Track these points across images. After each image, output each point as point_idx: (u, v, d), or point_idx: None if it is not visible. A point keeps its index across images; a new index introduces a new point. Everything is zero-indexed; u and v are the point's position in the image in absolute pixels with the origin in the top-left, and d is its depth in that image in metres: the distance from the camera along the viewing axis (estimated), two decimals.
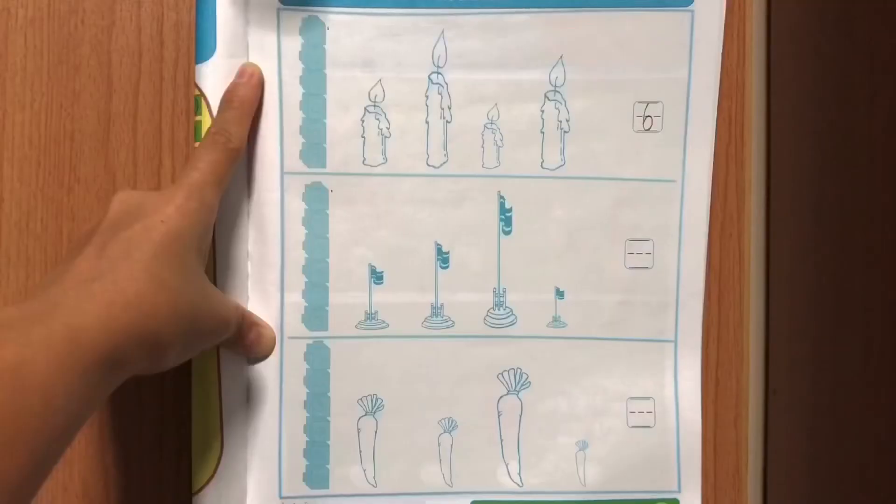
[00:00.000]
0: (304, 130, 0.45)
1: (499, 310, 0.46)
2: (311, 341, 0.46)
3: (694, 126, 0.46)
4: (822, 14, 0.47)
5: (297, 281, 0.45)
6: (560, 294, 0.46)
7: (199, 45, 0.44)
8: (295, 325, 0.46)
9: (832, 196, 0.47)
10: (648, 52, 0.46)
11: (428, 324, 0.46)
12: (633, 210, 0.46)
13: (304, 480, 0.46)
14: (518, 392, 0.47)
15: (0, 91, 0.46)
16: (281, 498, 0.45)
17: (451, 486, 0.47)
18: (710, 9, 0.45)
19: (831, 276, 0.39)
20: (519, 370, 0.47)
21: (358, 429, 0.46)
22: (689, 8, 0.45)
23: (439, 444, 0.47)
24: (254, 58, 0.45)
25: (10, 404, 0.28)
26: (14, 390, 0.28)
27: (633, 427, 0.47)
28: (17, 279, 0.47)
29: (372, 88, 0.45)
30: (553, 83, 0.46)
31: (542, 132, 0.46)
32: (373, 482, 0.46)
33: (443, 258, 0.46)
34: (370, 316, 0.46)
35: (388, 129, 0.45)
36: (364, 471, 0.46)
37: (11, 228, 0.46)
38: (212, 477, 0.45)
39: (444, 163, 0.46)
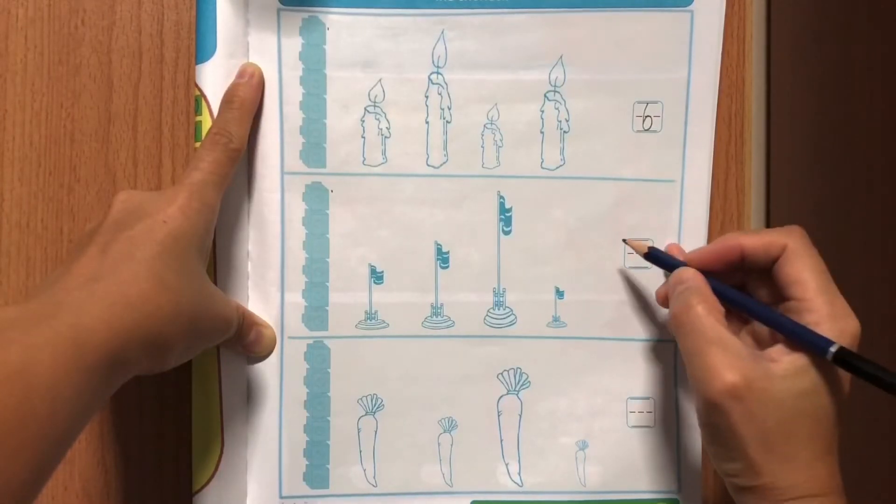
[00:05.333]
0: (305, 130, 0.45)
1: (499, 309, 0.46)
2: (311, 341, 0.46)
3: (693, 126, 0.46)
4: (822, 14, 0.47)
5: (297, 281, 0.45)
6: (560, 294, 0.46)
7: (200, 46, 0.44)
8: (295, 324, 0.46)
9: (832, 196, 0.47)
10: (648, 52, 0.46)
11: (428, 324, 0.46)
12: (633, 210, 0.46)
13: (304, 480, 0.46)
14: (518, 392, 0.47)
15: (0, 91, 0.46)
16: (281, 498, 0.46)
17: (451, 486, 0.47)
18: (709, 9, 0.45)
19: (831, 275, 0.39)
20: (519, 370, 0.47)
21: (358, 428, 0.46)
22: (689, 8, 0.45)
23: (439, 444, 0.47)
24: (254, 58, 0.45)
25: (16, 408, 0.28)
26: (20, 394, 0.28)
27: (632, 427, 0.47)
28: (17, 279, 0.47)
29: (372, 88, 0.45)
30: (553, 83, 0.46)
31: (542, 132, 0.46)
32: (373, 482, 0.46)
33: (443, 258, 0.46)
34: (370, 316, 0.46)
35: (388, 129, 0.45)
36: (364, 470, 0.46)
37: (12, 228, 0.46)
38: (212, 477, 0.45)
39: (444, 163, 0.46)
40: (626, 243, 0.45)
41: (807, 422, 0.36)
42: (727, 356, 0.37)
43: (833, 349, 0.35)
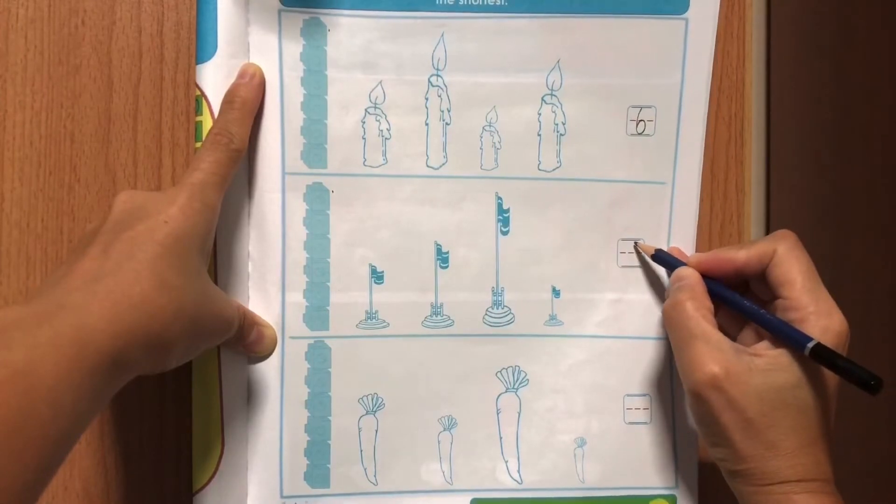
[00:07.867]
0: (305, 131, 0.45)
1: (497, 309, 0.47)
2: (311, 341, 0.46)
3: (685, 130, 0.46)
4: (822, 14, 0.47)
5: (298, 281, 0.46)
6: (556, 293, 0.47)
7: (200, 46, 0.44)
8: (296, 324, 0.46)
9: (832, 196, 0.47)
10: (643, 57, 0.46)
11: (428, 323, 0.46)
12: (626, 210, 0.47)
13: (304, 479, 0.46)
14: (517, 390, 0.47)
15: (0, 91, 0.46)
16: (282, 497, 0.46)
17: (451, 484, 0.47)
18: (703, 16, 0.46)
19: (830, 276, 0.39)
20: (517, 368, 0.47)
21: (358, 428, 0.46)
22: (684, 16, 0.46)
23: (439, 443, 0.47)
24: (255, 58, 0.45)
25: (19, 409, 0.28)
26: (24, 395, 0.28)
27: (630, 424, 0.47)
28: (17, 279, 0.47)
29: (373, 90, 0.45)
30: (550, 87, 0.46)
31: (539, 135, 0.46)
32: (373, 481, 0.46)
33: (442, 258, 0.46)
34: (371, 315, 0.46)
35: (389, 130, 0.46)
36: (365, 469, 0.46)
37: (12, 228, 0.46)
38: (212, 476, 0.45)
39: (444, 164, 0.46)
40: (637, 246, 0.47)
41: (789, 413, 0.38)
42: (710, 349, 0.39)
43: (810, 345, 0.37)
